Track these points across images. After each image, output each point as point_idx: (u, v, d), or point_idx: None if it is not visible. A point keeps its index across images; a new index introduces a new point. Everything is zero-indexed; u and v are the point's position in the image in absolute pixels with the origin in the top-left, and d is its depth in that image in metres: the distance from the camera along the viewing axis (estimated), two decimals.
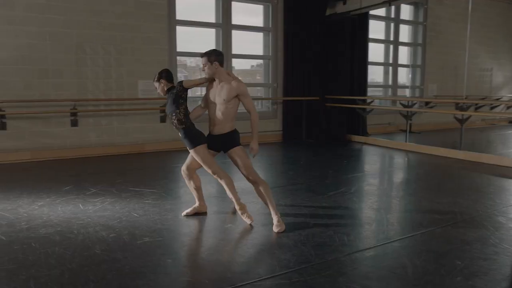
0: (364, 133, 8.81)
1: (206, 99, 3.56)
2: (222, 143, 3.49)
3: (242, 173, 3.48)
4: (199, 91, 7.75)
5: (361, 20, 8.69)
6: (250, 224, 3.45)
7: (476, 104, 9.11)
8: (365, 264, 2.75)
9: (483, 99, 10.71)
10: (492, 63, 11.81)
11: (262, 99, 8.76)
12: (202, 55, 3.43)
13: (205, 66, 3.40)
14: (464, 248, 3.00)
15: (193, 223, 3.56)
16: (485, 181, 5.31)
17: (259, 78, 9.06)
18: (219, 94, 3.43)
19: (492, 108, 10.40)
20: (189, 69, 9.22)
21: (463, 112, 6.91)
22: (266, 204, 3.46)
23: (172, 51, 7.38)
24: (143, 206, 3.95)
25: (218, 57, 3.42)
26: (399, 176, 5.85)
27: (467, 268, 2.67)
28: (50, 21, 6.26)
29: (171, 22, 7.32)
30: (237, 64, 8.70)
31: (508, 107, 10.71)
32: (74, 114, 6.54)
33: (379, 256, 2.89)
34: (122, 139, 7.03)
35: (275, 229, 3.31)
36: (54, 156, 6.38)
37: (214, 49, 3.48)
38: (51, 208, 3.88)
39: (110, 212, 3.75)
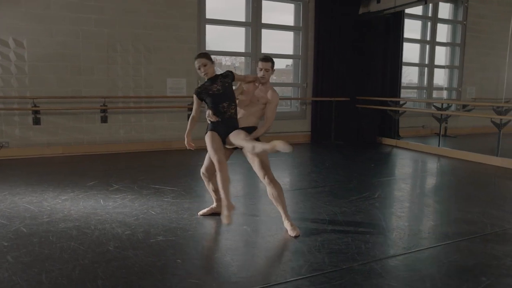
0: (396, 135, 8.52)
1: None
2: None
3: (258, 173, 3.41)
4: None
5: (396, 19, 8.40)
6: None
7: None
8: (380, 275, 2.62)
9: None
10: None
11: (291, 99, 8.65)
12: (268, 59, 3.40)
13: (268, 71, 3.38)
14: (491, 264, 2.80)
15: (209, 223, 3.53)
16: None
17: (283, 78, 8.95)
18: (255, 93, 3.43)
19: None
20: (225, 68, 9.24)
21: (501, 117, 6.52)
22: (277, 206, 3.38)
23: (201, 49, 7.41)
24: (161, 204, 3.97)
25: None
26: (428, 182, 5.59)
27: (492, 285, 2.49)
28: (83, 20, 6.44)
29: (201, 20, 7.35)
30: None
31: None
32: (104, 111, 6.70)
33: (397, 267, 2.74)
34: (150, 136, 7.14)
35: (292, 233, 3.22)
36: (84, 152, 6.57)
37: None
38: (73, 202, 3.97)
39: (129, 209, 3.80)
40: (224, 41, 8.22)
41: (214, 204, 3.73)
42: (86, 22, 6.46)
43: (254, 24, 7.87)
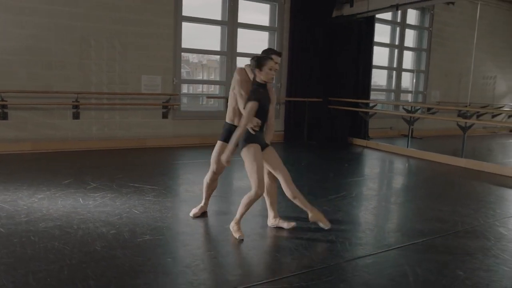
0: (366, 136, 8.80)
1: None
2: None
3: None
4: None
5: (367, 23, 8.67)
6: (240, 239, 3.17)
7: (478, 112, 9.08)
8: (366, 271, 2.73)
9: (485, 107, 10.68)
10: (496, 71, 11.78)
11: None
12: (280, 54, 3.36)
13: (278, 66, 3.29)
14: (465, 259, 2.98)
15: (194, 222, 3.54)
16: (486, 190, 5.30)
17: None
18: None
19: (493, 116, 10.36)
20: (192, 65, 9.20)
21: (465, 120, 6.89)
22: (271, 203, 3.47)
23: (177, 47, 7.35)
24: (143, 203, 3.93)
25: None
26: (399, 182, 5.83)
27: (469, 279, 2.66)
28: (56, 12, 6.22)
29: (177, 18, 7.28)
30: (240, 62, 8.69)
31: (510, 116, 10.68)
32: (76, 107, 6.50)
33: (380, 263, 2.87)
34: (124, 133, 7.00)
35: (284, 225, 3.37)
36: (55, 148, 6.36)
37: None
38: (51, 201, 3.85)
39: (111, 208, 3.73)
40: (196, 39, 8.16)
41: (203, 203, 3.72)
42: (59, 15, 6.25)
43: (230, 23, 7.88)
